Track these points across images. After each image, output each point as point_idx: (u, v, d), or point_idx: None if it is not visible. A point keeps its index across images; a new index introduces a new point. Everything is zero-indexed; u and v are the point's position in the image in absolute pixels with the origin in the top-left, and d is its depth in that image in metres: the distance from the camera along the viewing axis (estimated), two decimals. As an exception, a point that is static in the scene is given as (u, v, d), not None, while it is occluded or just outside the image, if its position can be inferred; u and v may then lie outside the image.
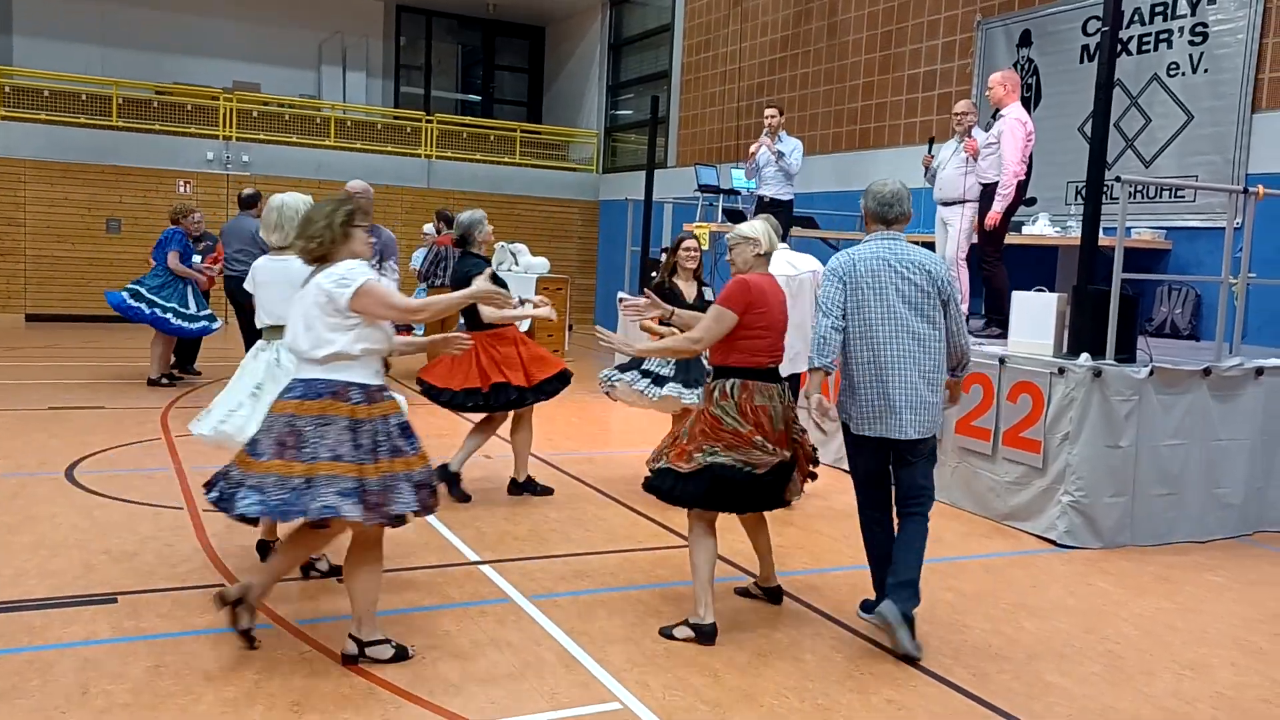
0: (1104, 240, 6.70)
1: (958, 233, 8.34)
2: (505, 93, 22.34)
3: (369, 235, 4.01)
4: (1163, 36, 9.06)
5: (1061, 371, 6.11)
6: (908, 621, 4.25)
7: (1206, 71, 8.69)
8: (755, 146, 10.16)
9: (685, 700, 3.75)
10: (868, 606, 4.65)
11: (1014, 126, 7.55)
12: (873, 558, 4.58)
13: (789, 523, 6.21)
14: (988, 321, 7.90)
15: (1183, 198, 8.90)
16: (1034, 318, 6.50)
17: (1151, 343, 6.70)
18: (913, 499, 4.46)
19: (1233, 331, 6.84)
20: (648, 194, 12.95)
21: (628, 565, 5.35)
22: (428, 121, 18.68)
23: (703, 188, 11.98)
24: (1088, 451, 6.04)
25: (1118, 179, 6.44)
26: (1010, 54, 10.45)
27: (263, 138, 17.17)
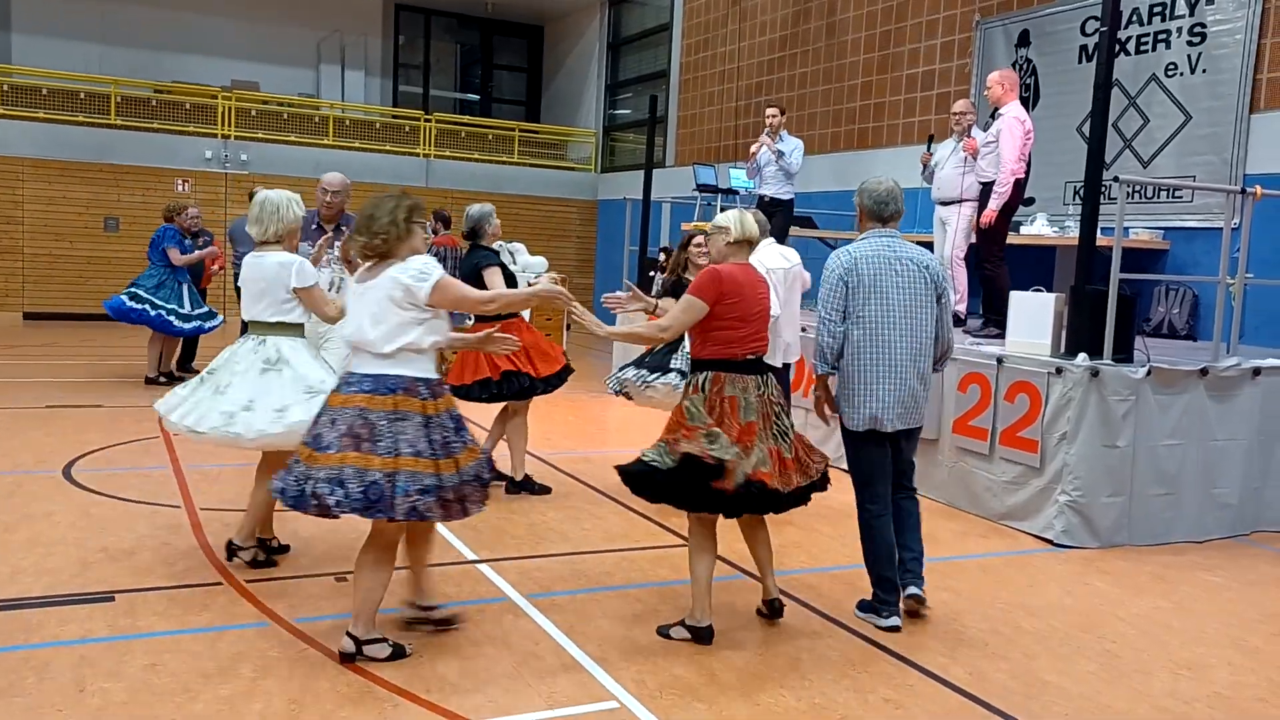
0: (1102, 240, 6.71)
1: (955, 232, 8.35)
2: (504, 92, 22.34)
3: (425, 231, 4.05)
4: (1161, 37, 9.06)
5: (1059, 371, 6.11)
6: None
7: (1205, 72, 8.69)
8: (756, 146, 10.16)
9: (682, 699, 3.75)
10: (865, 606, 4.67)
11: (1012, 125, 7.55)
12: (879, 555, 4.61)
13: (787, 522, 6.20)
14: (985, 321, 7.91)
15: (1180, 198, 8.91)
16: (1032, 317, 6.50)
17: (1149, 343, 6.70)
18: (905, 479, 4.72)
19: (1230, 332, 6.84)
20: (646, 193, 12.96)
21: (625, 564, 5.35)
22: (426, 120, 18.67)
23: (701, 187, 11.99)
24: (1085, 451, 6.04)
25: (1116, 179, 6.45)
26: (1009, 54, 10.46)
27: (261, 136, 17.16)
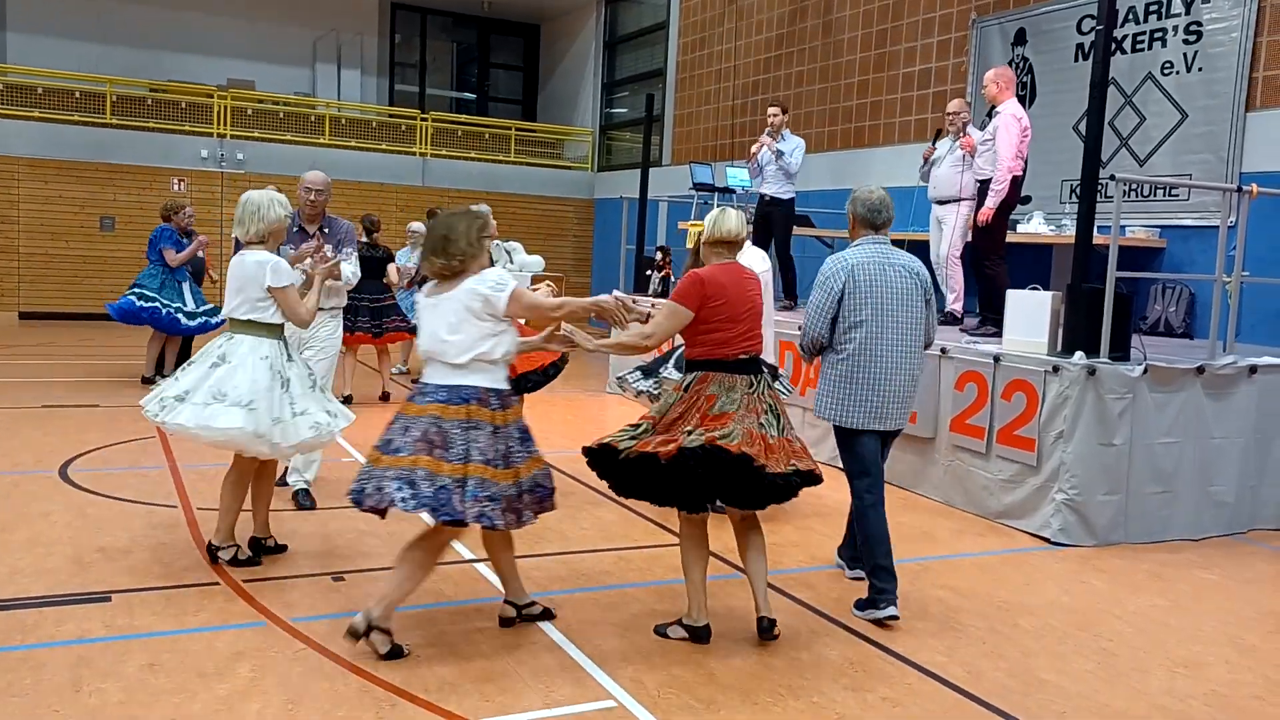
0: (1098, 239, 6.71)
1: (951, 231, 8.36)
2: (500, 91, 22.32)
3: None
4: (1157, 35, 9.07)
5: (1056, 370, 6.11)
6: None
7: (1200, 70, 8.70)
8: (756, 146, 10.13)
9: (680, 698, 3.75)
10: (862, 604, 4.69)
11: (1009, 122, 7.56)
12: (875, 544, 4.72)
13: (785, 521, 6.21)
14: (983, 320, 7.91)
15: (1177, 196, 8.92)
16: (1028, 316, 6.50)
17: (1145, 341, 6.71)
18: (882, 478, 4.89)
19: (1226, 330, 6.86)
20: (643, 192, 12.95)
21: (622, 564, 5.35)
22: (422, 119, 18.65)
23: (697, 186, 11.98)
24: (1082, 449, 6.05)
25: (1112, 177, 6.46)
26: (1005, 52, 10.46)
27: (257, 135, 17.14)
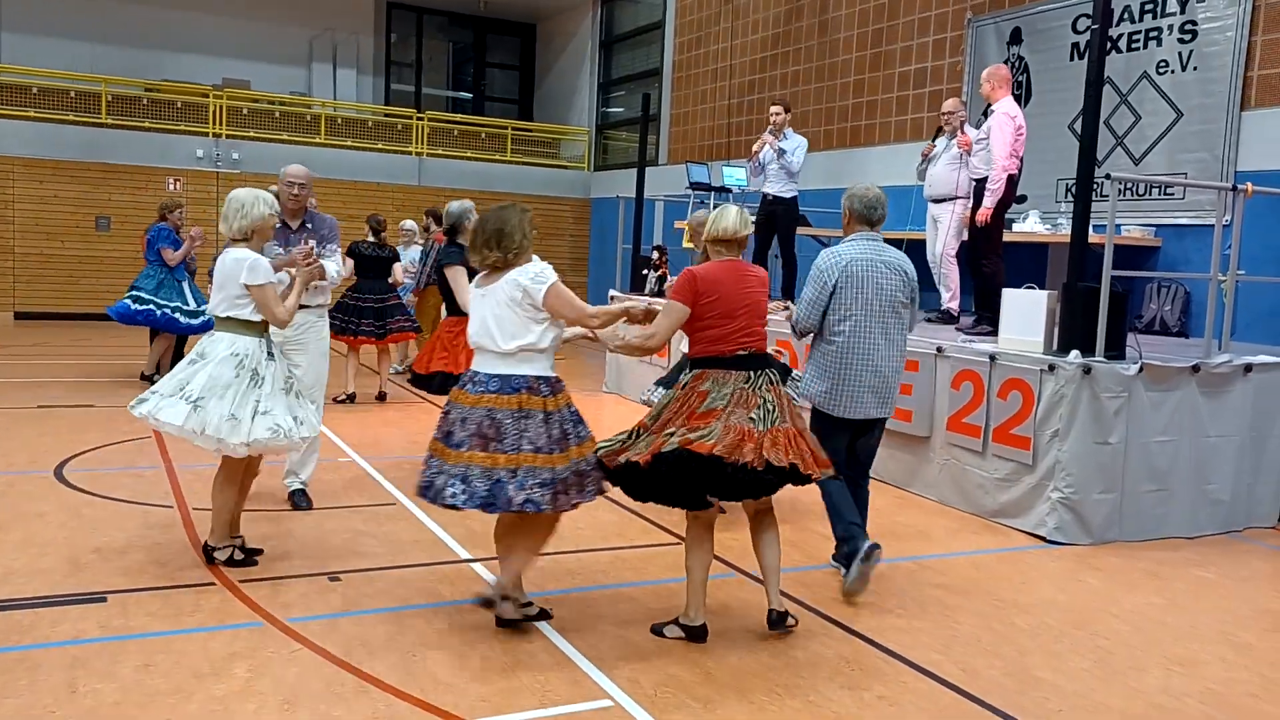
0: (1094, 238, 6.72)
1: (947, 229, 8.37)
2: (496, 90, 22.31)
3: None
4: (1152, 34, 9.09)
5: (1052, 368, 6.12)
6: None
7: (1195, 69, 8.72)
8: (758, 145, 10.11)
9: (676, 697, 3.75)
10: (839, 557, 5.13)
11: (1002, 121, 7.56)
12: (843, 508, 5.05)
13: (783, 520, 6.19)
14: (978, 318, 7.92)
15: (1172, 195, 8.93)
16: (1024, 315, 6.51)
17: (1141, 340, 6.72)
18: (868, 465, 5.26)
19: (1222, 328, 6.87)
20: (639, 192, 12.94)
21: (618, 563, 5.35)
22: (418, 119, 18.64)
23: (694, 185, 11.98)
24: (1077, 448, 6.05)
25: (1107, 176, 6.45)
26: (1000, 51, 10.47)
27: (253, 135, 17.12)
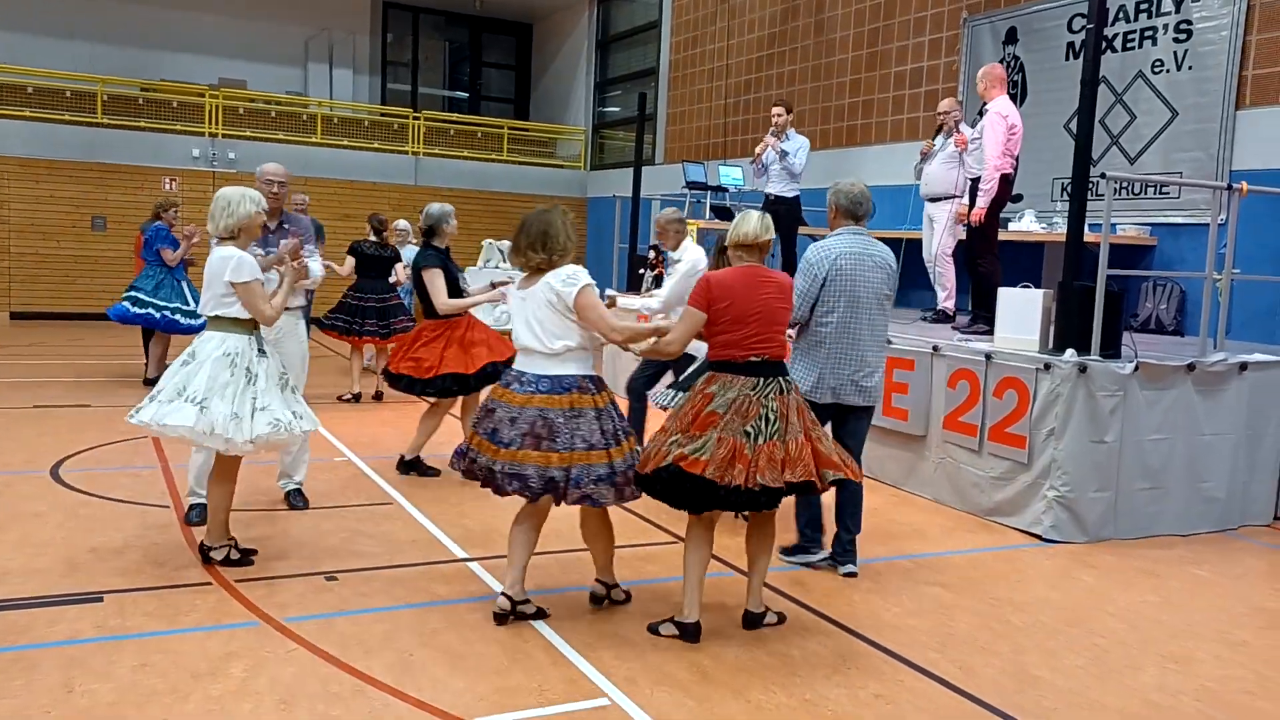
0: (1089, 236, 6.74)
1: (943, 228, 8.38)
2: (492, 89, 22.30)
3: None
4: (1147, 34, 9.10)
5: (1047, 367, 6.13)
6: None
7: (1190, 69, 8.73)
8: (760, 147, 10.11)
9: (673, 696, 3.75)
10: (791, 550, 5.38)
11: (995, 121, 7.58)
12: (808, 506, 5.38)
13: (780, 520, 6.20)
14: (974, 317, 7.93)
15: (1167, 194, 8.95)
16: (1020, 314, 6.52)
17: (1136, 338, 6.73)
18: (857, 458, 5.16)
19: (1217, 327, 6.88)
20: (635, 191, 12.95)
21: (616, 562, 5.30)
22: (415, 118, 18.63)
23: (690, 185, 11.99)
24: (1073, 447, 6.06)
25: (1103, 175, 6.47)
26: (996, 51, 10.49)
27: (249, 135, 17.11)
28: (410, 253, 12.12)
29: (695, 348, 4.93)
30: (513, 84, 22.16)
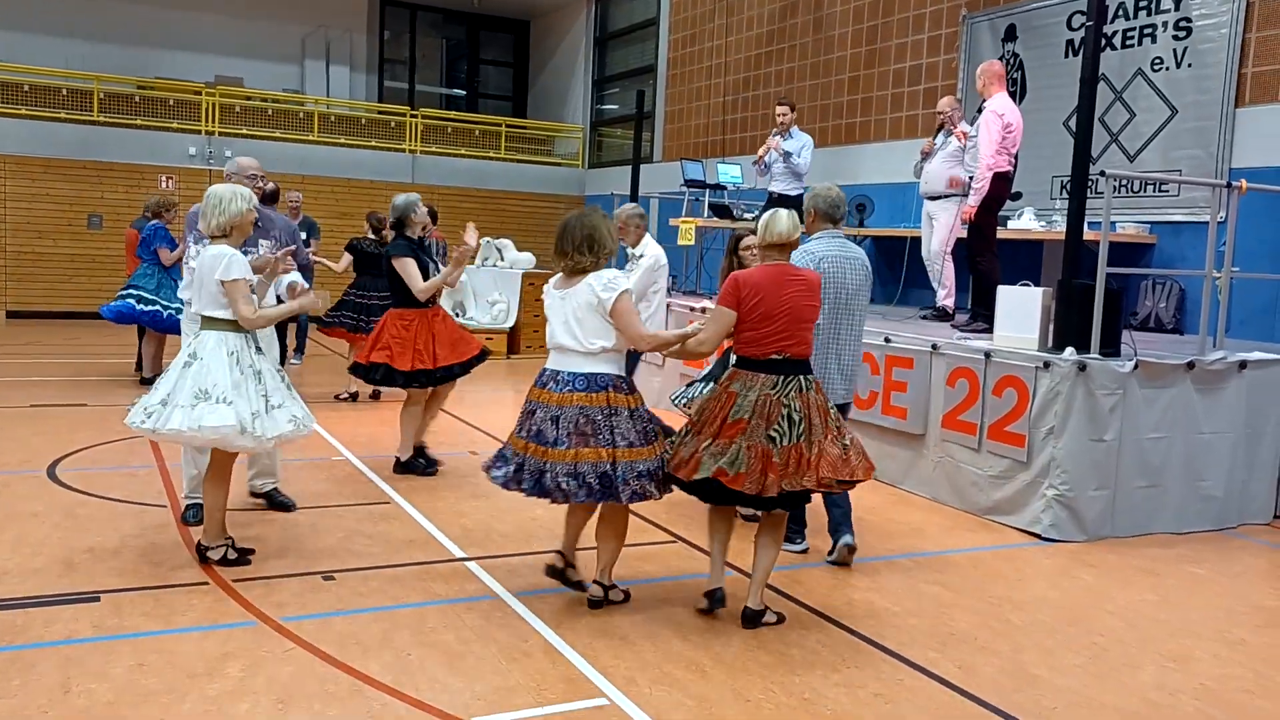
0: (1089, 234, 6.72)
1: (942, 226, 8.37)
2: (490, 87, 22.26)
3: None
4: (1146, 31, 9.09)
5: (1047, 365, 6.12)
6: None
7: (1190, 66, 8.72)
8: (764, 150, 10.13)
9: (672, 696, 3.74)
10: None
11: (990, 119, 7.58)
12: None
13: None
14: (973, 315, 7.92)
15: (1167, 192, 8.94)
16: (1019, 312, 6.51)
17: (1136, 336, 6.72)
18: None
19: (1216, 325, 6.87)
20: (634, 189, 12.94)
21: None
22: (412, 116, 18.60)
23: (689, 183, 11.97)
24: (1072, 445, 6.06)
25: (1102, 173, 6.46)
26: (995, 48, 10.47)
27: (245, 133, 17.06)
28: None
29: None
30: (510, 81, 22.13)
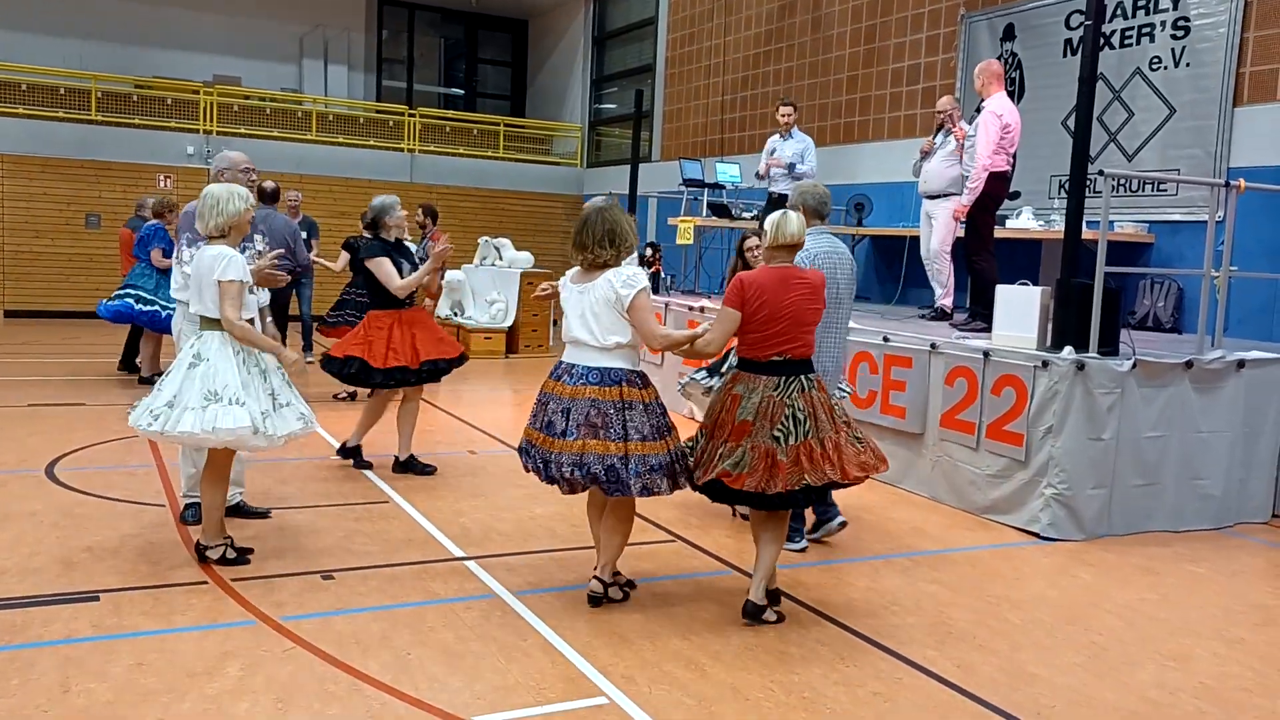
0: (1087, 234, 6.72)
1: (941, 225, 8.37)
2: (488, 86, 22.26)
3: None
4: (1145, 31, 9.09)
5: (1045, 365, 6.13)
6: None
7: (1188, 66, 8.73)
8: (764, 166, 10.17)
9: (671, 695, 3.75)
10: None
11: (988, 119, 7.58)
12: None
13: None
14: (972, 315, 7.93)
15: (1165, 191, 8.95)
16: (1018, 311, 6.52)
17: (1134, 335, 6.73)
18: None
19: (1214, 324, 6.87)
20: (632, 188, 12.94)
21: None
22: (410, 115, 18.59)
23: (687, 182, 11.98)
24: (1071, 444, 6.06)
25: (1100, 173, 6.46)
26: (993, 48, 10.47)
27: (243, 132, 17.04)
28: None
29: None
30: (509, 81, 22.13)
